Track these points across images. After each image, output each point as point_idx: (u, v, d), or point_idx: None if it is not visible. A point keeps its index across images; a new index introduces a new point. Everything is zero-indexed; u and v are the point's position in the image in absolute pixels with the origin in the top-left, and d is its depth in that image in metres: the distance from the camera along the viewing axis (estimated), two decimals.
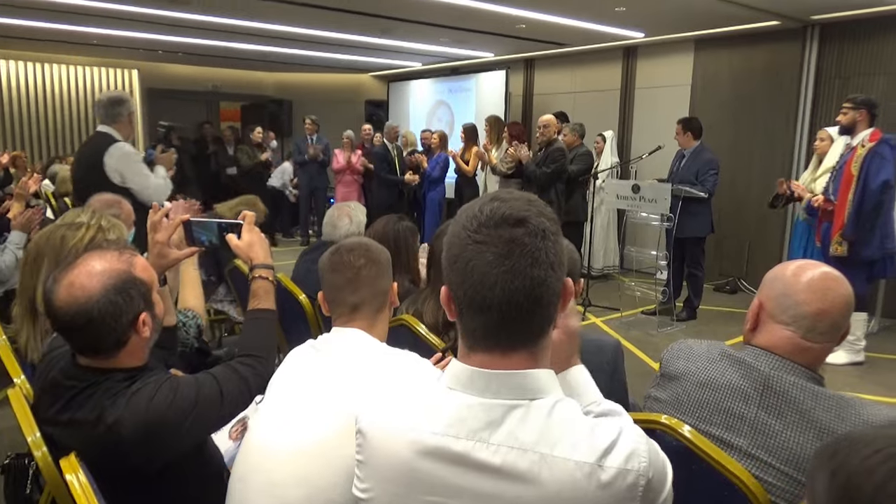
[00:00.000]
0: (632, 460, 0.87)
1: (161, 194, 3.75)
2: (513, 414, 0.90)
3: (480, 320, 0.91)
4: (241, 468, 1.38)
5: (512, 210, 0.90)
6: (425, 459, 0.92)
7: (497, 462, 0.88)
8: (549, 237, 0.90)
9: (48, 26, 7.44)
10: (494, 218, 0.90)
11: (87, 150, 3.84)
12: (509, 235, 0.89)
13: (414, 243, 2.73)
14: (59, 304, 1.31)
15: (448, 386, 0.95)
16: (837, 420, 1.28)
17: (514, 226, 0.89)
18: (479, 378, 0.92)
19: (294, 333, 2.73)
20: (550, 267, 0.90)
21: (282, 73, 11.35)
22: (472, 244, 0.90)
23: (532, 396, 0.91)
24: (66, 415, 1.34)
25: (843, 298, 1.36)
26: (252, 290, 1.71)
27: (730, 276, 6.88)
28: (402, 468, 0.94)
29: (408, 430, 0.94)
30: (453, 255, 0.92)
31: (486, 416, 0.90)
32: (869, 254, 4.40)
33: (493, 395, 0.91)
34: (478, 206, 0.93)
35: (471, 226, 0.91)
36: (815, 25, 6.25)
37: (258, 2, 5.98)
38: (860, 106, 4.39)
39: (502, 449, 0.88)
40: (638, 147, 7.52)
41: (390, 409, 0.99)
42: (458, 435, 0.91)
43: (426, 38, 7.76)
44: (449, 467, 0.91)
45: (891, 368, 4.60)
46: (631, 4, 5.82)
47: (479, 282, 0.89)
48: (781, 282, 1.39)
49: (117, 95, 3.83)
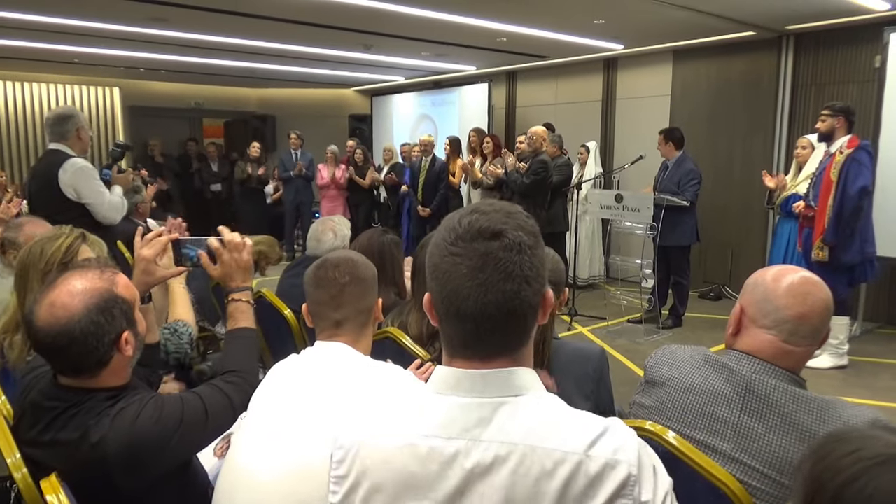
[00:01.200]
0: (620, 452, 0.87)
1: (116, 212, 3.68)
2: (501, 410, 0.91)
3: (458, 329, 0.93)
4: (226, 485, 1.37)
5: (489, 223, 0.91)
6: (419, 462, 0.92)
7: (488, 460, 0.89)
8: (525, 251, 0.91)
9: (28, 45, 7.39)
10: (471, 231, 0.91)
11: (41, 166, 3.75)
12: (484, 249, 0.90)
13: (399, 256, 2.74)
14: (41, 324, 1.29)
15: (436, 391, 0.96)
16: (819, 422, 1.30)
17: (490, 239, 0.90)
18: (466, 378, 0.94)
19: (279, 348, 2.71)
20: (525, 281, 0.90)
21: (265, 88, 11.35)
22: (448, 256, 0.91)
23: (517, 392, 0.93)
24: (48, 435, 1.32)
25: (823, 302, 1.38)
26: (229, 312, 1.70)
27: (714, 284, 6.94)
28: (396, 474, 0.93)
29: (399, 436, 0.94)
30: (433, 265, 0.94)
31: (476, 414, 0.91)
32: (849, 258, 4.46)
33: (479, 393, 0.93)
34: (457, 218, 0.94)
35: (449, 237, 0.93)
36: (790, 35, 6.37)
37: (239, 18, 5.98)
38: (838, 113, 4.47)
39: (493, 445, 0.89)
40: (620, 157, 7.59)
41: (377, 420, 0.98)
42: (451, 435, 0.91)
43: (408, 52, 7.80)
44: (443, 468, 0.91)
45: (874, 371, 4.65)
46: (609, 17, 5.90)
47: (455, 293, 0.91)
48: (762, 287, 1.41)
49: (63, 112, 3.74)
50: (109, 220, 3.66)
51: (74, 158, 3.61)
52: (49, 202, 3.57)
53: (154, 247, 1.74)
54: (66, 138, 3.66)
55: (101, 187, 3.65)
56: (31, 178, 3.83)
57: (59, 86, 10.00)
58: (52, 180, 3.52)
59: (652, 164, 5.92)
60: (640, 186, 6.24)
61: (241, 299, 1.70)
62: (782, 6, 5.36)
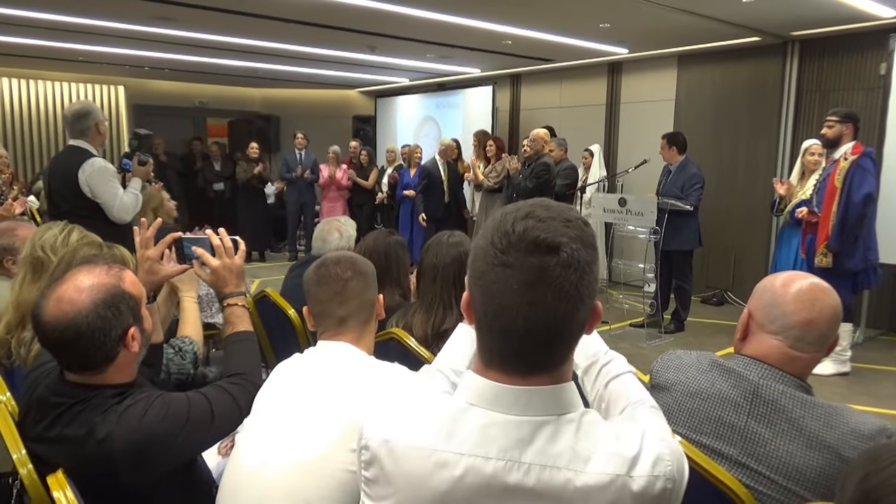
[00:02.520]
0: (658, 466, 0.86)
1: (126, 212, 3.71)
2: (542, 431, 0.87)
3: (498, 343, 0.88)
4: (230, 483, 1.36)
5: (546, 234, 0.83)
6: (454, 482, 0.87)
7: (530, 483, 0.85)
8: (583, 267, 0.84)
9: (34, 43, 7.41)
10: (526, 240, 0.83)
11: (62, 162, 3.81)
12: (539, 264, 0.82)
13: (404, 257, 2.74)
14: (48, 318, 1.30)
15: (469, 402, 0.90)
16: (826, 428, 1.29)
17: (546, 253, 0.83)
18: (506, 394, 0.88)
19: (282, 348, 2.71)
20: (580, 300, 0.85)
21: (269, 88, 11.36)
22: (498, 266, 0.84)
23: (560, 412, 0.88)
24: (54, 431, 1.32)
25: (831, 309, 1.37)
26: (225, 316, 1.72)
27: (716, 289, 6.93)
28: (429, 493, 0.88)
29: (432, 452, 0.88)
30: (478, 271, 0.87)
31: (515, 434, 0.86)
32: (853, 265, 4.45)
33: (520, 411, 0.87)
34: (511, 222, 0.85)
35: (500, 244, 0.85)
36: (796, 41, 6.37)
37: (244, 18, 5.99)
38: (846, 119, 4.45)
39: (534, 468, 0.85)
40: (624, 161, 7.58)
41: (407, 427, 0.92)
42: (488, 455, 0.86)
43: (412, 54, 7.81)
44: (480, 490, 0.86)
45: (876, 378, 4.64)
46: (615, 21, 5.90)
47: (501, 308, 0.84)
48: (770, 292, 1.41)
49: (81, 108, 3.77)
50: (120, 219, 3.70)
51: (95, 158, 3.68)
52: (69, 199, 3.66)
53: (158, 247, 1.75)
54: (86, 135, 3.74)
55: (115, 189, 3.70)
56: (51, 175, 3.88)
57: (65, 83, 10.03)
58: (73, 179, 3.60)
59: (656, 168, 5.92)
60: (644, 191, 6.23)
61: (236, 304, 1.71)
62: (788, 12, 5.36)
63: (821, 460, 1.27)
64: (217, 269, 1.71)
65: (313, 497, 1.28)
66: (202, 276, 1.73)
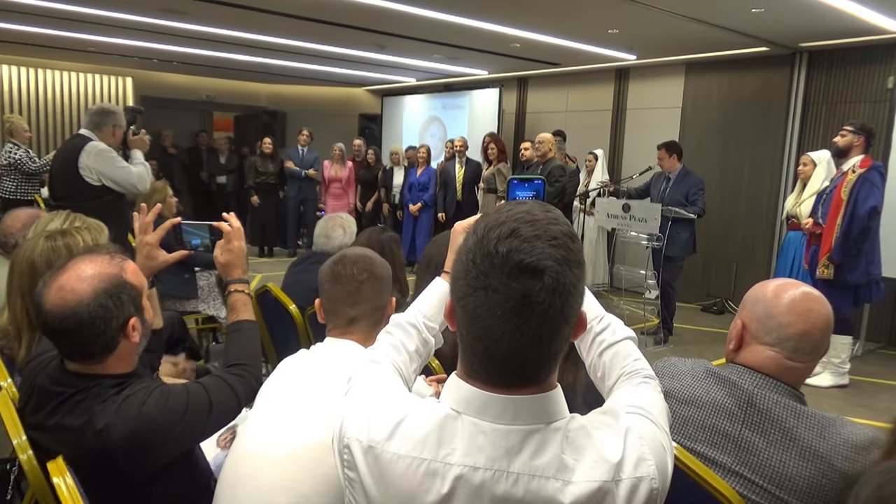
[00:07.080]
0: (640, 467, 0.87)
1: (143, 181, 3.77)
2: (531, 440, 0.86)
3: (481, 361, 0.87)
4: (231, 474, 1.37)
5: (531, 258, 0.80)
6: (443, 492, 0.85)
7: (519, 494, 0.84)
8: (568, 290, 0.82)
9: (44, 32, 7.43)
10: (509, 263, 0.80)
11: (65, 148, 3.89)
12: (523, 289, 0.80)
13: (399, 253, 2.76)
14: (49, 307, 1.30)
15: (455, 409, 0.89)
16: (819, 438, 1.30)
17: (531, 277, 0.80)
18: (495, 404, 0.87)
19: (283, 342, 2.72)
20: (565, 321, 0.84)
21: (276, 84, 11.38)
22: (481, 289, 0.82)
23: (548, 419, 0.88)
24: (54, 420, 1.33)
25: (825, 318, 1.38)
26: (230, 303, 1.71)
27: (717, 297, 6.93)
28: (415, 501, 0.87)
29: (421, 461, 0.87)
30: (461, 292, 0.85)
31: (504, 444, 0.85)
32: (854, 278, 4.44)
33: (509, 420, 0.86)
34: (494, 241, 0.82)
35: (483, 265, 0.82)
36: (804, 53, 6.37)
37: (253, 13, 6.00)
38: (860, 132, 4.44)
39: (523, 478, 0.84)
40: (628, 167, 7.58)
41: (392, 434, 0.90)
42: (476, 465, 0.85)
43: (421, 53, 7.82)
44: (469, 500, 0.85)
45: (874, 392, 4.63)
46: (623, 27, 5.90)
47: (485, 331, 0.83)
48: (763, 303, 1.41)
49: (107, 107, 3.86)
50: (140, 189, 3.76)
51: (93, 142, 3.70)
52: (66, 185, 3.70)
53: (157, 232, 1.76)
54: (100, 129, 3.78)
55: (122, 163, 3.75)
56: (54, 160, 3.93)
57: (73, 73, 10.05)
58: (73, 164, 3.63)
59: None
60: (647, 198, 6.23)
61: (241, 290, 1.71)
62: (797, 23, 5.36)
63: (813, 470, 1.27)
64: (235, 249, 1.71)
65: (309, 491, 1.28)
66: (218, 259, 1.73)
